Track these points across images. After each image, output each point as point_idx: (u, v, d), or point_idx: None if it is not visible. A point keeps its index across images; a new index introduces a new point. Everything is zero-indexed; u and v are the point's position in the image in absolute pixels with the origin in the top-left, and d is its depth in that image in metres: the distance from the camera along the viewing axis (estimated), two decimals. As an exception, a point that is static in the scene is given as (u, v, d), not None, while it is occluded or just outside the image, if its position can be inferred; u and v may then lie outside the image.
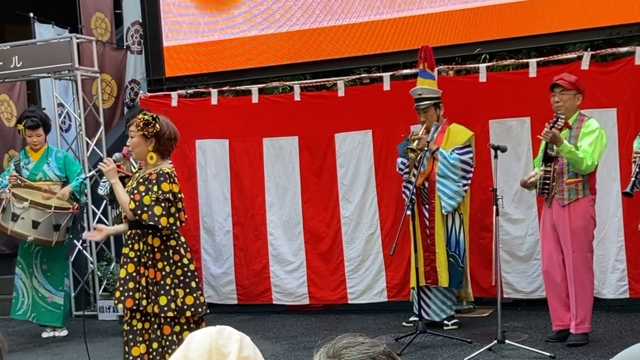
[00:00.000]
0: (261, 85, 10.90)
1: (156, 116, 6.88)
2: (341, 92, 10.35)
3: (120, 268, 7.08)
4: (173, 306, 6.83)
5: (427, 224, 9.14)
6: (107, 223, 11.62)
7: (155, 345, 6.87)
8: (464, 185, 8.99)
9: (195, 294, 6.94)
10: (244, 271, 10.85)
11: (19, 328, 10.91)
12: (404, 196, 9.27)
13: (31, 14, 12.99)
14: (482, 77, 9.66)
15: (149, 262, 6.88)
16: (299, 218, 10.62)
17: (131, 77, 13.22)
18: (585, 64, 9.16)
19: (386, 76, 10.12)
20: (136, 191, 6.85)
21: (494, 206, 8.01)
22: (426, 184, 9.08)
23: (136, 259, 6.89)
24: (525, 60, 9.71)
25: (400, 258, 9.76)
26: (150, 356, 6.89)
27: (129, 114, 10.70)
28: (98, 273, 11.49)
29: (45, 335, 10.43)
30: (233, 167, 10.93)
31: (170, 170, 6.94)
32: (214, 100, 10.97)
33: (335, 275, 10.44)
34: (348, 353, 2.24)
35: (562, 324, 8.13)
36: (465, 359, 7.75)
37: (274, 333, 9.66)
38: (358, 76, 10.54)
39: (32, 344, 10.13)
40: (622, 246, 9.18)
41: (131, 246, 6.93)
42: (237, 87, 11.16)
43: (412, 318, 9.27)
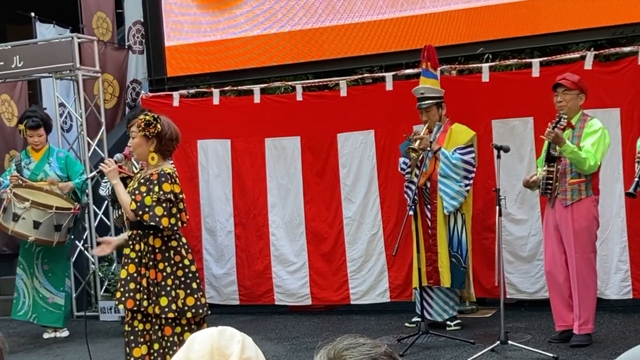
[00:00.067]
0: (263, 85, 10.89)
1: (157, 116, 6.86)
2: (343, 92, 10.33)
3: (121, 269, 7.05)
4: (174, 307, 6.80)
5: (429, 224, 9.12)
6: (109, 223, 11.62)
7: (156, 346, 6.85)
8: (466, 185, 8.96)
9: (196, 295, 6.91)
10: (246, 272, 10.83)
11: (20, 329, 10.89)
12: (406, 196, 9.25)
13: (32, 14, 12.98)
14: (485, 77, 9.65)
15: (150, 263, 6.85)
16: (301, 218, 10.60)
17: (133, 77, 13.20)
18: (588, 64, 9.14)
19: (389, 76, 10.10)
20: (137, 192, 6.83)
21: (497, 206, 7.98)
22: (428, 184, 9.06)
23: (137, 260, 6.86)
24: (528, 60, 9.69)
25: (402, 258, 9.73)
26: (151, 357, 6.86)
27: (130, 114, 10.69)
28: (99, 274, 11.46)
29: (46, 336, 10.41)
30: (235, 168, 10.91)
31: (171, 170, 6.91)
32: (216, 100, 10.95)
33: (337, 275, 10.42)
34: (349, 354, 2.22)
35: (565, 325, 8.11)
36: (468, 360, 7.75)
37: (276, 334, 9.64)
38: (360, 76, 10.51)
39: (33, 345, 10.11)
40: (626, 247, 9.15)
41: (132, 247, 6.91)
42: (239, 87, 11.14)
43: (415, 319, 9.25)
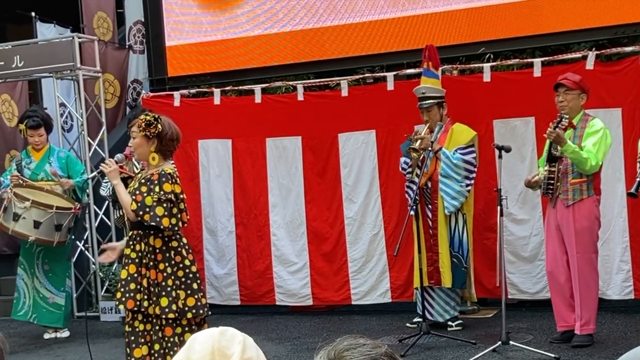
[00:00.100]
0: (264, 85, 10.87)
1: (158, 117, 6.85)
2: (345, 92, 10.32)
3: (121, 269, 7.04)
4: (174, 308, 6.79)
5: (430, 224, 9.10)
6: (109, 224, 11.61)
7: (157, 346, 6.84)
8: (467, 185, 8.95)
9: (196, 296, 6.90)
10: (247, 272, 10.82)
11: (21, 329, 10.87)
12: (407, 196, 9.24)
13: (33, 14, 12.96)
14: (487, 77, 9.63)
15: (151, 263, 6.84)
16: (302, 218, 10.58)
17: (133, 77, 13.18)
18: (590, 64, 9.13)
19: (390, 76, 10.08)
20: (138, 192, 6.82)
21: (498, 206, 7.97)
22: (429, 184, 9.04)
23: (137, 260, 6.85)
24: (529, 59, 9.68)
25: (404, 259, 9.71)
26: (152, 358, 6.85)
27: (131, 114, 10.67)
28: (100, 274, 11.44)
29: (47, 336, 10.40)
30: (236, 168, 10.89)
31: (172, 170, 6.91)
32: (217, 100, 10.94)
33: (338, 276, 10.41)
34: (350, 355, 2.22)
35: (567, 325, 8.09)
36: (469, 360, 7.74)
37: (277, 334, 9.62)
38: (362, 76, 10.51)
39: (34, 345, 10.09)
40: (627, 247, 9.14)
41: (132, 247, 6.90)
42: (240, 87, 11.14)
43: (416, 319, 9.23)
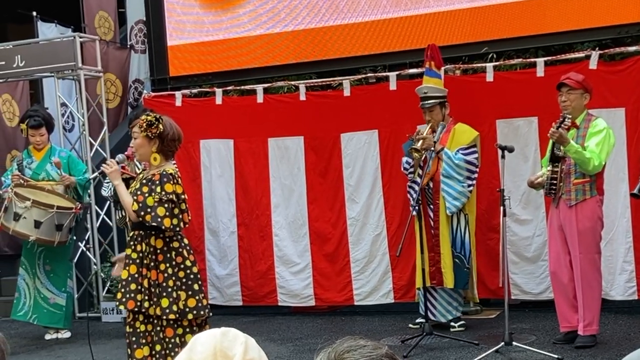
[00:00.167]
0: (266, 84, 10.86)
1: (159, 117, 6.84)
2: (347, 92, 10.30)
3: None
4: (175, 308, 6.78)
5: (432, 225, 9.08)
6: (111, 224, 11.59)
7: (158, 347, 6.84)
8: (469, 185, 8.93)
9: (197, 297, 6.89)
10: (249, 272, 10.81)
11: (22, 330, 10.86)
12: (409, 196, 9.22)
13: (34, 13, 12.94)
14: (489, 77, 9.61)
15: (152, 264, 6.84)
16: (305, 219, 10.57)
17: (135, 77, 13.15)
18: (593, 64, 9.10)
19: (392, 76, 10.07)
20: (139, 192, 6.81)
21: (501, 207, 7.96)
22: (431, 184, 9.02)
23: (138, 261, 6.85)
24: (532, 59, 9.65)
25: (406, 259, 9.69)
26: (153, 359, 6.85)
27: (132, 114, 10.65)
28: (101, 274, 11.43)
29: (48, 337, 10.38)
30: (238, 168, 10.88)
31: (173, 171, 6.91)
32: (219, 100, 10.92)
33: (341, 276, 10.39)
34: (350, 357, 2.22)
35: (570, 326, 8.08)
36: (472, 361, 7.72)
37: (279, 335, 9.61)
38: (364, 76, 10.48)
39: (35, 346, 10.08)
40: (631, 247, 9.12)
41: (133, 247, 6.89)
42: (242, 87, 11.12)
43: (419, 320, 9.22)
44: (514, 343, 7.78)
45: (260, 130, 10.73)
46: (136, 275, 6.82)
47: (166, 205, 6.74)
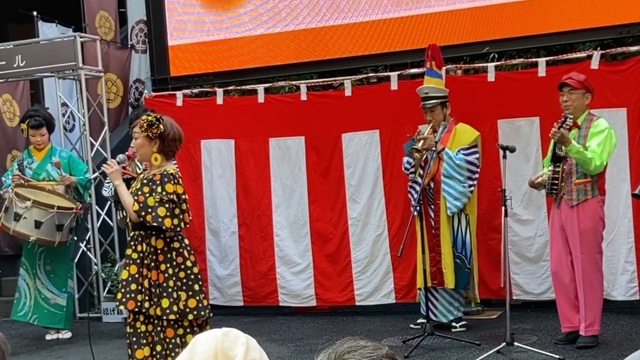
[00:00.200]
0: (267, 84, 10.85)
1: (160, 117, 6.84)
2: (348, 92, 10.29)
3: (122, 269, 7.02)
4: (175, 309, 6.78)
5: (433, 225, 9.06)
6: (112, 224, 11.58)
7: (158, 348, 6.83)
8: (470, 186, 8.92)
9: (198, 297, 6.89)
10: (250, 273, 10.79)
11: (23, 330, 10.84)
12: (410, 196, 9.21)
13: (35, 13, 12.92)
14: (491, 77, 9.60)
15: (152, 264, 6.83)
16: (306, 219, 10.55)
17: (136, 77, 13.14)
18: (595, 63, 9.09)
19: (394, 75, 10.06)
20: (140, 192, 6.80)
21: (503, 207, 7.95)
22: (432, 184, 9.01)
23: (139, 261, 6.85)
24: (534, 59, 9.64)
25: (408, 259, 9.68)
26: (154, 359, 6.84)
27: (133, 114, 10.64)
28: (102, 274, 11.41)
29: (49, 337, 10.36)
30: (239, 168, 10.86)
31: (174, 171, 6.90)
32: (220, 99, 10.91)
33: (342, 276, 10.37)
34: (351, 357, 2.22)
35: (571, 326, 8.06)
36: (473, 362, 7.70)
37: (280, 335, 9.59)
38: (365, 75, 10.47)
39: (36, 346, 10.06)
40: (632, 247, 9.10)
41: (134, 247, 6.88)
42: (243, 87, 11.11)
43: (420, 320, 9.20)
44: (516, 343, 7.78)
45: (261, 130, 10.72)
46: (137, 275, 6.81)
47: (167, 205, 6.73)
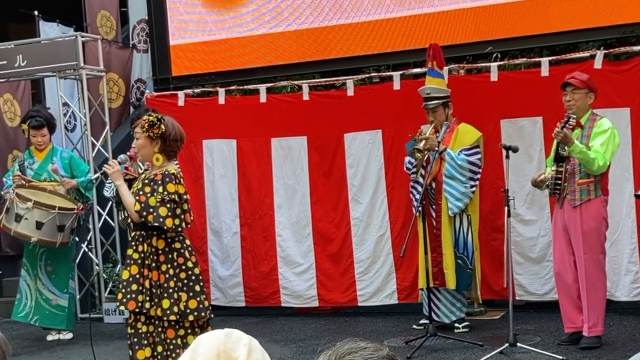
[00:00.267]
0: (269, 84, 10.85)
1: (161, 117, 6.84)
2: (350, 92, 10.27)
3: (123, 270, 7.01)
4: (176, 309, 6.77)
5: (434, 225, 9.04)
6: (113, 225, 11.57)
7: (160, 348, 6.82)
8: (472, 186, 8.90)
9: (199, 298, 6.87)
10: (252, 273, 10.77)
11: (24, 331, 10.83)
12: (411, 196, 9.20)
13: (36, 12, 12.91)
14: (494, 76, 9.59)
15: (153, 265, 6.82)
16: (308, 219, 10.53)
17: (137, 76, 13.13)
18: (598, 63, 9.08)
19: (396, 75, 10.04)
20: (141, 192, 6.80)
21: (506, 207, 7.94)
22: (433, 185, 9.01)
23: (140, 261, 6.84)
24: (537, 59, 9.63)
25: (410, 260, 9.65)
26: (155, 360, 6.83)
27: (135, 114, 10.62)
28: (103, 275, 11.40)
29: (50, 338, 10.35)
30: (241, 168, 10.85)
31: (176, 171, 6.90)
32: (222, 99, 10.89)
33: (345, 277, 10.36)
34: (351, 359, 2.22)
35: (575, 327, 8.05)
36: (476, 363, 7.69)
37: (283, 336, 9.58)
38: (368, 75, 10.46)
39: (37, 347, 10.05)
40: (636, 248, 9.09)
41: (135, 248, 6.87)
42: (245, 87, 11.10)
43: (423, 321, 9.19)
44: (519, 344, 7.77)
45: (263, 130, 10.70)
46: (137, 275, 6.81)
47: (168, 205, 6.72)
